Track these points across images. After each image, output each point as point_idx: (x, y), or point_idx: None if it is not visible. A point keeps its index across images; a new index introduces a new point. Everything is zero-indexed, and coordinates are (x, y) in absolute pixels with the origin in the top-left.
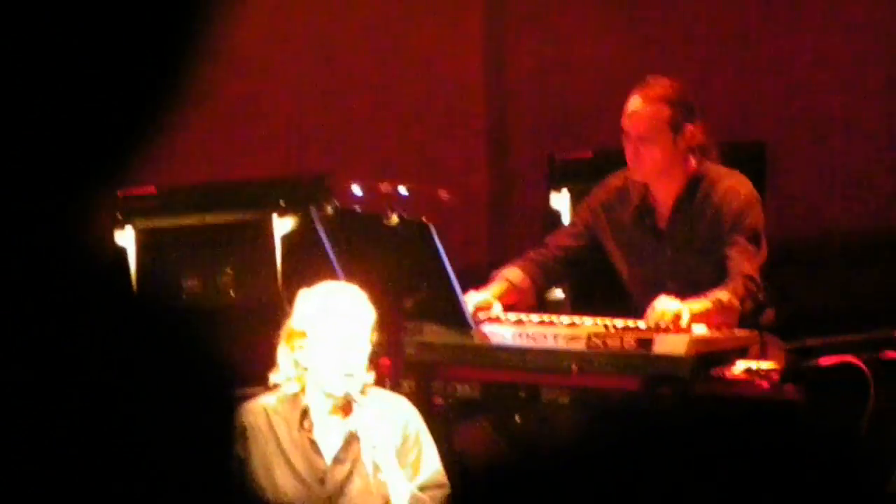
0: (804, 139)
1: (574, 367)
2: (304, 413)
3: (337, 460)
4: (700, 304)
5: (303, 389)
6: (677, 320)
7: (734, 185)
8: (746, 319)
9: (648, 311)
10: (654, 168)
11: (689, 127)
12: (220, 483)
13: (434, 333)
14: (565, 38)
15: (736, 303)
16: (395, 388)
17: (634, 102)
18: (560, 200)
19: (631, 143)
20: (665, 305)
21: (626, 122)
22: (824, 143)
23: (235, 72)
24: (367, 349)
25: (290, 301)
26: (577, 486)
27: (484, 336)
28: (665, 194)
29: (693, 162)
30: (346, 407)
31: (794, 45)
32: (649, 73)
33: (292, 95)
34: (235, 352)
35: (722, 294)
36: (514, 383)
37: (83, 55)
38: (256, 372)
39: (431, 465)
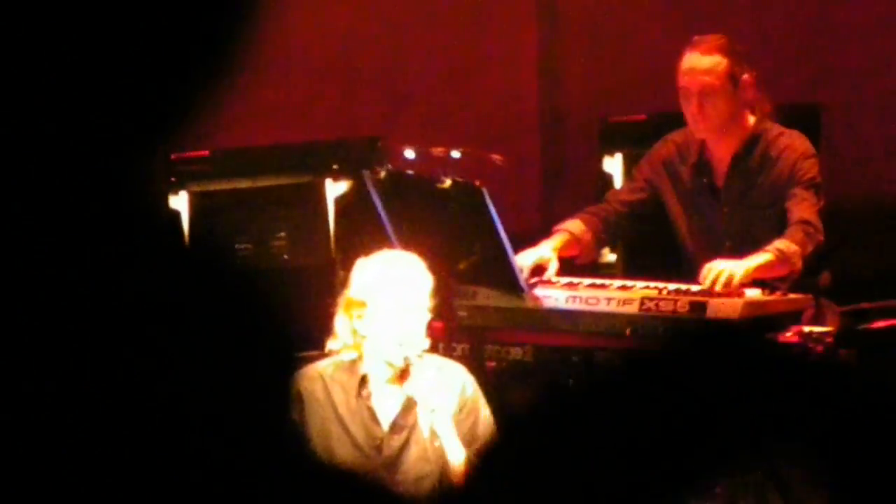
0: (861, 101)
1: (627, 330)
2: (363, 381)
3: (394, 427)
4: (760, 257)
5: (361, 357)
6: (730, 280)
7: (792, 142)
8: (803, 283)
9: (702, 271)
10: (718, 121)
11: (746, 77)
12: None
13: (487, 297)
14: (619, 1)
15: (795, 247)
16: (448, 351)
17: (691, 58)
18: (613, 164)
19: (693, 99)
20: (718, 268)
21: (684, 80)
22: (881, 105)
23: (291, 35)
24: (425, 317)
25: (343, 264)
26: (629, 450)
27: (536, 299)
28: (723, 151)
29: (751, 119)
30: (403, 374)
31: (850, 6)
32: (702, 33)
33: (346, 58)
34: (289, 315)
35: (780, 243)
36: (567, 347)
37: (139, 18)
38: (310, 335)
39: (488, 430)
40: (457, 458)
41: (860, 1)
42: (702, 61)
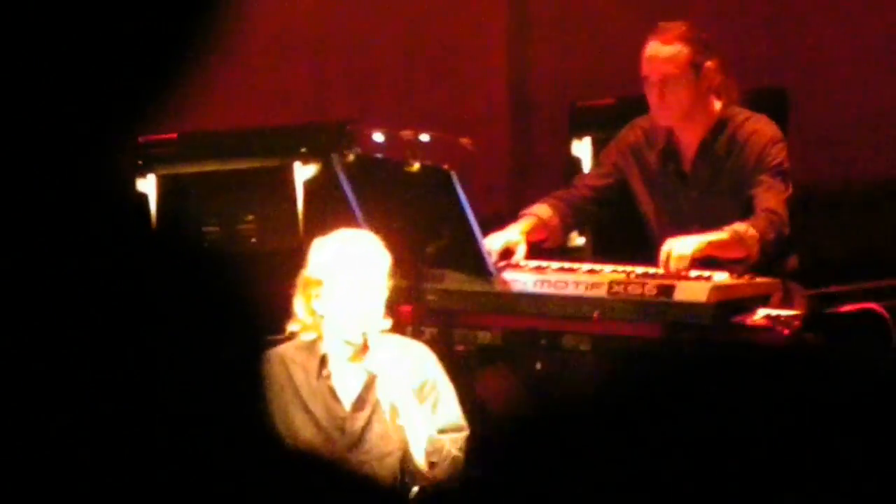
0: (826, 84)
1: (595, 314)
2: (323, 360)
3: (356, 405)
4: (714, 234)
5: (320, 337)
6: (683, 260)
7: (759, 126)
8: (772, 259)
9: (660, 253)
10: (679, 110)
11: (709, 64)
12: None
13: (455, 280)
14: None
15: (754, 232)
16: (416, 335)
17: (652, 47)
18: (582, 148)
19: (654, 88)
20: (673, 244)
21: (645, 68)
22: (847, 88)
23: (260, 18)
24: (383, 294)
25: None
26: (597, 433)
27: (505, 283)
28: (690, 137)
29: (717, 105)
30: (363, 352)
31: None
32: (669, 19)
33: (315, 42)
34: (257, 299)
35: (738, 226)
36: (535, 330)
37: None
38: (278, 319)
39: (450, 408)
40: (418, 435)
41: None
42: (662, 50)
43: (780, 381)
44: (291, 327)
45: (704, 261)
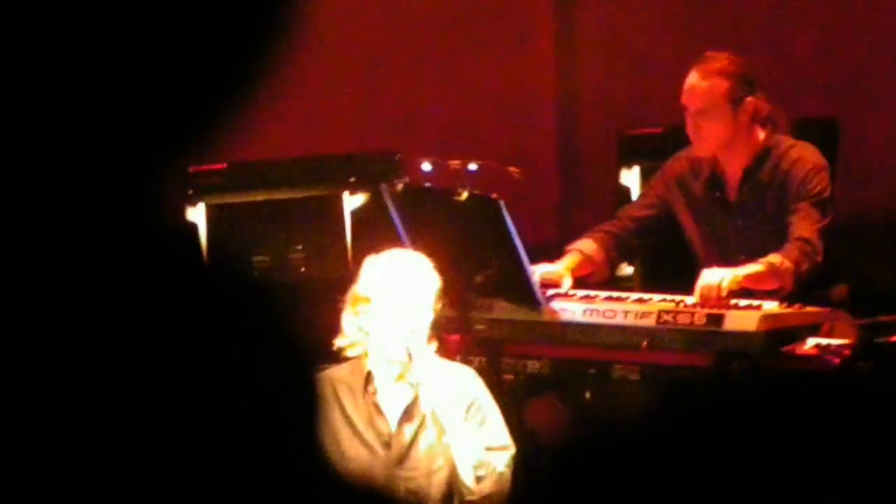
0: (876, 114)
1: (644, 343)
2: (368, 377)
3: (402, 421)
4: (749, 268)
5: (366, 354)
6: (720, 291)
7: (802, 153)
8: (812, 289)
9: (699, 284)
10: (714, 142)
11: (750, 99)
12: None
13: (503, 310)
14: (635, 12)
15: (789, 264)
16: (465, 364)
17: (692, 78)
18: (630, 177)
19: (690, 119)
20: (708, 276)
21: (684, 98)
22: None
23: (308, 49)
24: (429, 316)
25: None
26: (647, 463)
27: (553, 312)
28: (734, 166)
29: (761, 134)
30: (408, 371)
31: (867, 19)
32: (718, 47)
33: (364, 73)
34: (307, 328)
35: (773, 257)
36: (584, 360)
37: (161, 31)
38: (327, 349)
39: (496, 427)
40: (465, 453)
41: (880, 16)
42: (700, 84)
43: (831, 411)
44: (338, 343)
45: (739, 291)
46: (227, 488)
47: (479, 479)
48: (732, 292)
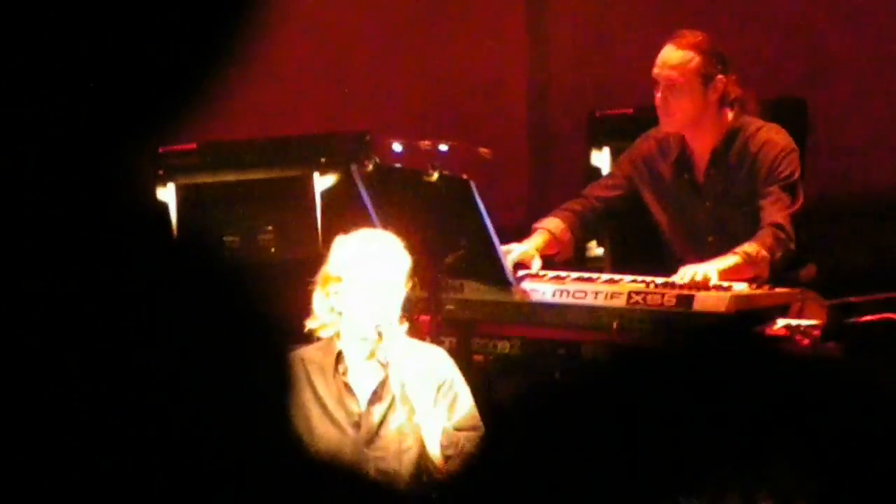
0: (845, 94)
1: (615, 324)
2: (339, 357)
3: (371, 401)
4: (727, 260)
5: (337, 335)
6: (706, 281)
7: (771, 136)
8: (782, 272)
9: (675, 278)
10: (683, 118)
11: (721, 78)
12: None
13: (474, 290)
14: None
15: (764, 253)
16: (435, 344)
17: (665, 51)
18: (601, 158)
19: (660, 93)
20: (690, 272)
21: (656, 71)
22: (865, 98)
23: (278, 29)
24: (401, 294)
25: None
26: (616, 443)
27: (524, 293)
28: (702, 147)
29: (729, 115)
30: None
31: (836, 2)
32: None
33: (335, 55)
34: (276, 308)
35: (749, 247)
36: (554, 340)
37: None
38: (297, 329)
39: (466, 407)
40: (434, 432)
41: None
42: (673, 55)
43: (800, 391)
44: (310, 324)
45: None
46: (199, 465)
47: (447, 458)
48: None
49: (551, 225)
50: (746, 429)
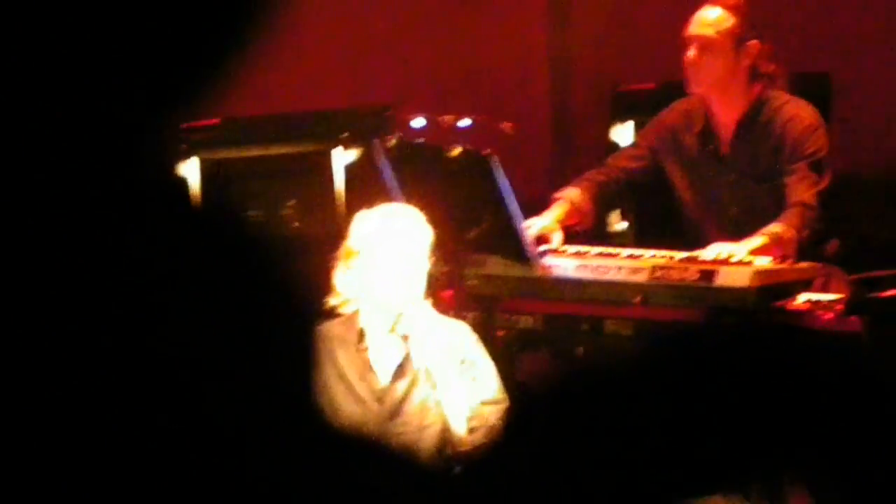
0: (870, 69)
1: (637, 299)
2: (361, 334)
3: (394, 377)
4: (754, 241)
5: (358, 311)
6: (729, 257)
7: (798, 111)
8: (807, 249)
9: (706, 251)
10: (712, 78)
11: (754, 43)
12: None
13: (496, 265)
14: None
15: (792, 233)
16: (458, 319)
17: (702, 11)
18: (623, 133)
19: (693, 51)
20: (719, 250)
21: (689, 29)
22: (890, 72)
23: (301, 5)
24: (423, 269)
25: None
26: (639, 418)
27: (546, 268)
28: (727, 118)
29: (757, 87)
30: (401, 322)
31: None
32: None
33: (357, 29)
34: (300, 283)
35: (776, 227)
36: (577, 315)
37: None
38: (320, 306)
39: (489, 380)
40: (457, 407)
41: None
42: (710, 14)
43: (823, 366)
44: (331, 301)
45: None
46: (223, 443)
47: (471, 431)
48: None
49: (572, 195)
50: (768, 404)
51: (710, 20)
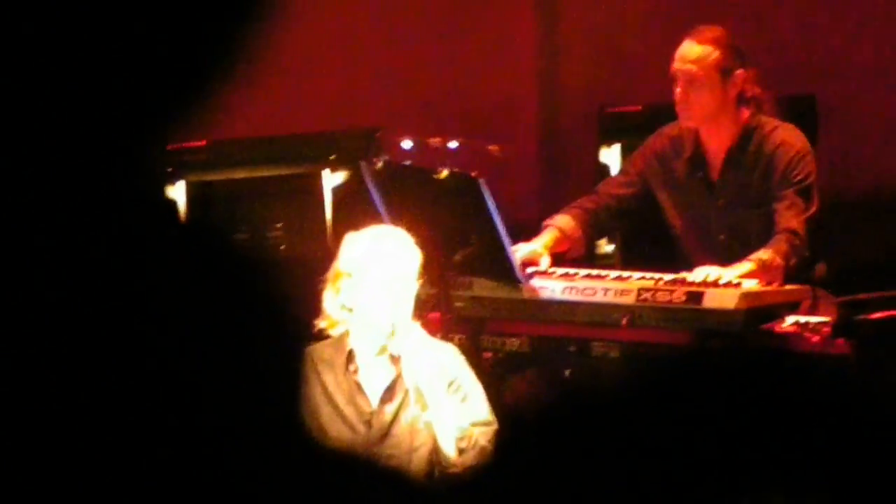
0: (856, 91)
1: (624, 321)
2: (350, 356)
3: (383, 399)
4: (742, 267)
5: (347, 334)
6: (717, 280)
7: (787, 138)
8: (796, 274)
9: (694, 274)
10: (702, 112)
11: (740, 72)
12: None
13: (483, 288)
14: None
15: (779, 260)
16: (445, 341)
17: (685, 45)
18: (610, 155)
19: (680, 87)
20: (704, 273)
21: (675, 66)
22: (877, 94)
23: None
24: (412, 291)
25: None
26: (627, 440)
27: (533, 290)
28: (717, 145)
29: (746, 113)
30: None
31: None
32: (701, 24)
33: (345, 51)
34: (288, 306)
35: (764, 253)
36: (564, 337)
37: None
38: (308, 328)
39: (477, 402)
40: (447, 428)
41: None
42: (692, 50)
43: (810, 388)
44: (320, 323)
45: None
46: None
47: (461, 452)
48: None
49: (562, 222)
50: (756, 426)
51: (694, 56)
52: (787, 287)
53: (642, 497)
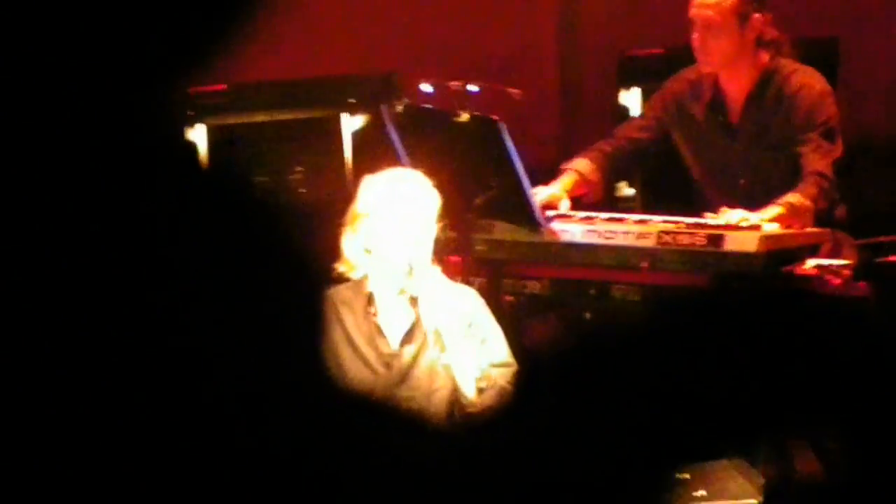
0: (877, 34)
1: (644, 263)
2: (370, 298)
3: (403, 342)
4: (770, 211)
5: (367, 276)
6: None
7: (807, 80)
8: (819, 217)
9: (719, 215)
10: (720, 58)
11: (757, 16)
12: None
13: (504, 231)
14: None
15: (808, 203)
16: (466, 285)
17: None
18: (630, 98)
19: (697, 33)
20: (731, 216)
21: (692, 11)
22: None
23: None
24: (430, 233)
25: None
26: (646, 382)
27: (553, 233)
28: (736, 89)
29: (765, 57)
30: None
31: None
32: None
33: None
34: (308, 248)
35: (792, 197)
36: (584, 280)
37: None
38: (328, 272)
39: (497, 344)
40: (466, 371)
41: None
42: None
43: (831, 330)
44: (339, 267)
45: None
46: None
47: (480, 391)
48: None
49: (580, 165)
50: (776, 369)
51: (711, 1)
52: (808, 230)
53: (662, 438)
